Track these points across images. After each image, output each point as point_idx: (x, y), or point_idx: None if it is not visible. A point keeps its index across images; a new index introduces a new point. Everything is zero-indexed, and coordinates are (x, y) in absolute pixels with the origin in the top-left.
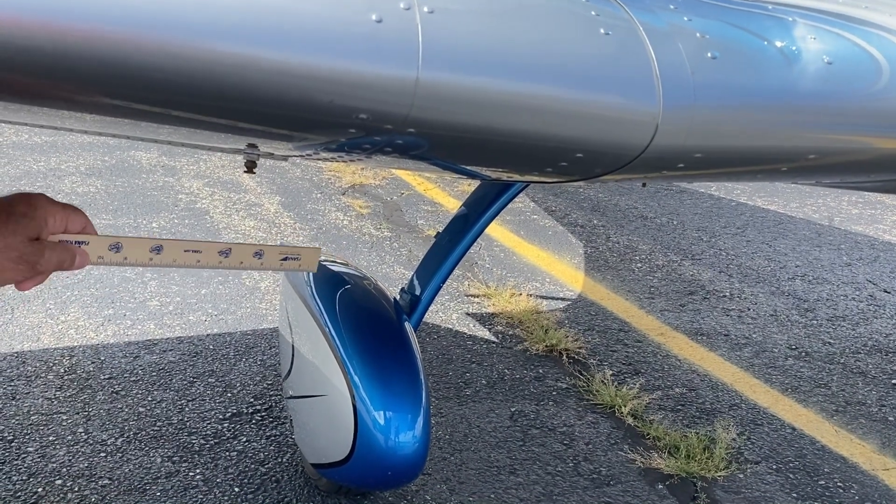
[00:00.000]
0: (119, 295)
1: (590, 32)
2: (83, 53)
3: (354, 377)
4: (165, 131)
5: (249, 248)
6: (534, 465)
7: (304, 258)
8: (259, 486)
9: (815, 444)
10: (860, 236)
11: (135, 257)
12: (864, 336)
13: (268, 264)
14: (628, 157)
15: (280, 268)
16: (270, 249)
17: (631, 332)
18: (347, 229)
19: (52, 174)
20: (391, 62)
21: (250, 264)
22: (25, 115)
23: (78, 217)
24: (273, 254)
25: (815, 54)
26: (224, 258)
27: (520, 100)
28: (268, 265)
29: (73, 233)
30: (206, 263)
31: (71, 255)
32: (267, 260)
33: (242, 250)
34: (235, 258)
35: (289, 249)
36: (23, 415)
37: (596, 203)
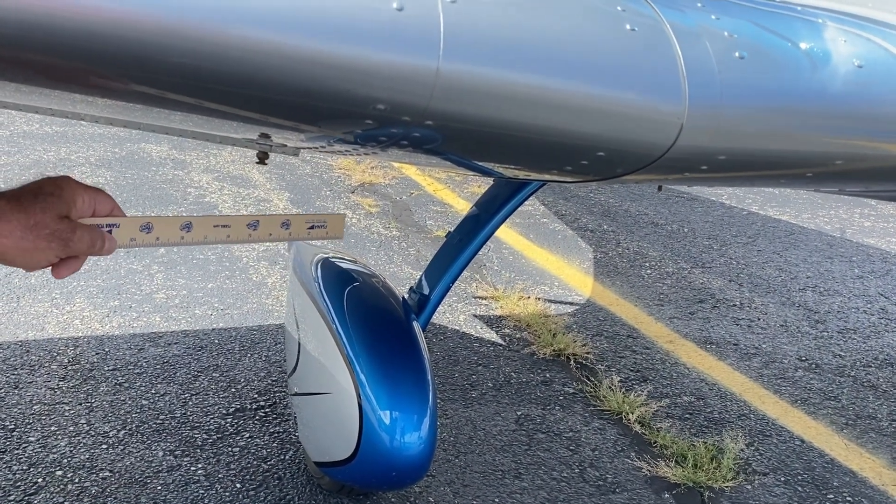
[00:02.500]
0: (125, 287)
1: (615, 28)
2: (104, 35)
3: (361, 375)
4: (179, 119)
5: (277, 219)
6: (539, 470)
7: (331, 225)
8: (261, 482)
9: (824, 458)
10: (872, 249)
11: (167, 236)
12: (875, 349)
13: (295, 234)
14: (651, 157)
15: (308, 237)
16: (297, 219)
17: (639, 339)
18: (356, 227)
19: (61, 164)
20: (411, 51)
21: (279, 235)
22: (41, 99)
23: (106, 199)
24: (300, 223)
25: (846, 57)
26: (253, 231)
27: (542, 94)
28: (295, 234)
29: (102, 215)
30: (235, 238)
31: (102, 238)
32: (294, 229)
33: (270, 221)
34: (264, 230)
35: (314, 217)
36: (25, 404)
37: (606, 208)
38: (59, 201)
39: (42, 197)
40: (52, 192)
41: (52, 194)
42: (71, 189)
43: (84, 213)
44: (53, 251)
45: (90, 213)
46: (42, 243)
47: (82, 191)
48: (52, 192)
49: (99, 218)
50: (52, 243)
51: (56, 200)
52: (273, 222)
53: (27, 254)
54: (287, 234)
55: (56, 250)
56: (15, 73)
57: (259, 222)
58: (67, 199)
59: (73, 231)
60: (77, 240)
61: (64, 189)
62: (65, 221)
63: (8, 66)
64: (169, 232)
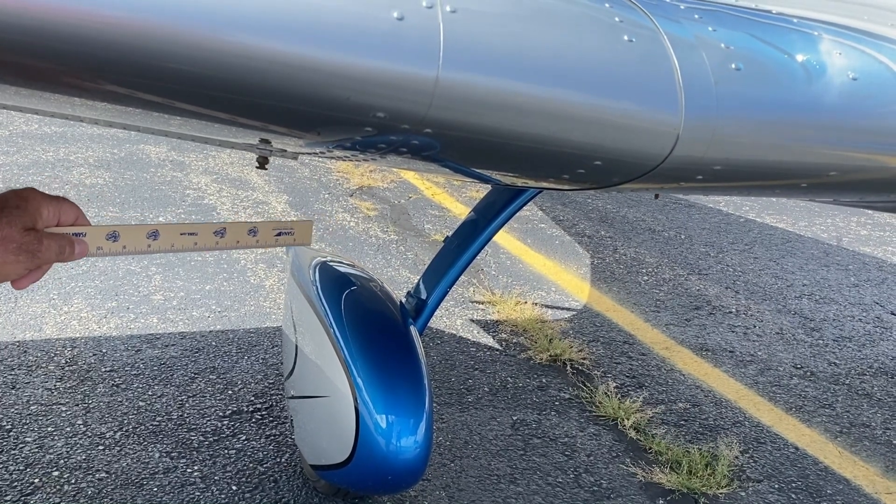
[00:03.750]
0: (123, 288)
1: (613, 39)
2: (106, 41)
3: (358, 379)
4: (179, 123)
5: (244, 227)
6: (534, 475)
7: (298, 232)
8: (257, 485)
9: (818, 465)
10: (868, 257)
11: (133, 245)
12: (870, 358)
13: (263, 241)
14: (647, 167)
15: (276, 244)
16: (264, 226)
17: (636, 345)
18: (354, 231)
19: (60, 165)
20: (411, 60)
21: (246, 242)
22: (41, 102)
23: (70, 208)
24: (267, 230)
25: (840, 70)
26: (220, 238)
27: (540, 104)
28: (263, 242)
29: (67, 224)
30: (203, 245)
31: (70, 243)
32: (262, 237)
33: (237, 229)
34: (231, 238)
35: (282, 224)
36: (22, 404)
37: (604, 214)
38: (25, 214)
39: (7, 211)
40: (18, 204)
41: (18, 207)
42: (36, 200)
43: (49, 223)
44: (22, 264)
45: (55, 222)
46: (10, 257)
47: (47, 201)
48: (18, 206)
49: (64, 227)
50: (21, 256)
51: (21, 213)
52: (240, 229)
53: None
54: (254, 241)
55: (24, 263)
56: (16, 77)
57: (226, 230)
58: (32, 211)
59: (40, 242)
60: (45, 249)
61: (29, 201)
62: (31, 233)
63: (10, 71)
64: (136, 240)
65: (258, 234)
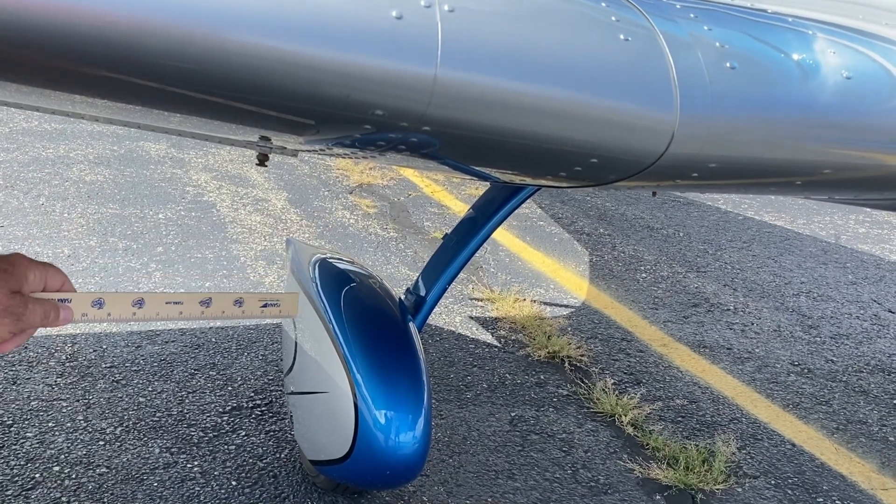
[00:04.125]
0: (123, 284)
1: (609, 38)
2: (109, 38)
3: (357, 375)
4: (179, 120)
5: (230, 297)
6: (532, 471)
7: (284, 304)
8: (256, 480)
9: (814, 461)
10: (866, 255)
11: (118, 312)
12: (867, 355)
13: (249, 312)
14: (643, 165)
15: (262, 315)
16: (250, 297)
17: (633, 342)
18: (354, 228)
19: (60, 162)
20: (410, 59)
21: (232, 313)
22: (41, 99)
23: (56, 274)
24: (253, 301)
25: (835, 69)
26: (206, 308)
27: (537, 102)
28: (249, 313)
29: (53, 290)
30: (188, 315)
31: (55, 308)
32: (248, 308)
33: (223, 299)
34: (217, 308)
35: (268, 296)
36: (23, 400)
37: (603, 212)
38: (11, 277)
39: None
40: (4, 268)
41: (4, 271)
42: (22, 265)
43: (35, 287)
44: (6, 327)
45: (41, 287)
46: None
47: (33, 266)
48: (4, 269)
49: (50, 293)
50: (5, 319)
51: (8, 277)
52: (226, 300)
53: None
54: (240, 311)
55: (9, 326)
56: (17, 74)
57: (212, 299)
58: (19, 276)
59: (25, 305)
60: (29, 314)
61: (15, 265)
62: (17, 297)
63: (10, 67)
64: (121, 308)
65: (244, 305)
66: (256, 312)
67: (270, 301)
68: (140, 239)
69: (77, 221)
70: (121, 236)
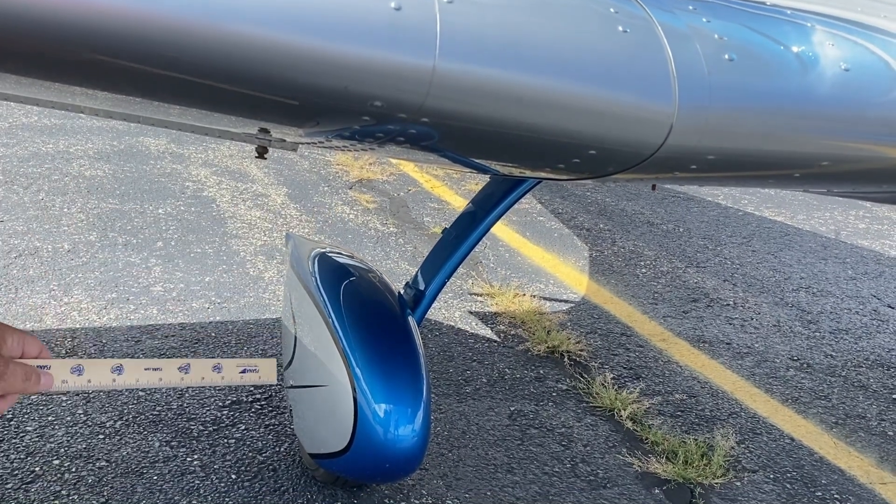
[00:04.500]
0: (122, 279)
1: (608, 30)
2: (109, 29)
3: (356, 369)
4: (178, 112)
5: (208, 363)
6: (531, 465)
7: (262, 369)
8: (256, 473)
9: (813, 456)
10: (866, 251)
11: (98, 379)
12: (866, 350)
13: (228, 377)
14: (642, 156)
15: (241, 381)
16: (228, 362)
17: (633, 337)
18: (353, 223)
19: (60, 157)
20: (408, 50)
21: (211, 379)
22: (41, 91)
23: (34, 342)
24: (231, 366)
25: (833, 61)
26: (185, 374)
27: (535, 94)
28: (228, 378)
29: (30, 357)
30: (168, 381)
31: (35, 373)
32: (226, 373)
33: (201, 365)
34: (196, 374)
35: (246, 362)
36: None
37: (603, 207)
38: None
39: None
40: None
41: None
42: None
43: (13, 353)
44: None
45: (19, 353)
46: None
47: (11, 332)
48: None
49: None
50: None
51: None
52: (205, 366)
53: None
54: (220, 377)
55: None
56: (16, 65)
57: (190, 366)
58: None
59: (6, 365)
60: (10, 374)
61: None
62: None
63: (9, 59)
64: (100, 374)
65: (223, 371)
66: (236, 378)
67: (249, 367)
68: (140, 234)
69: (77, 216)
70: (121, 231)
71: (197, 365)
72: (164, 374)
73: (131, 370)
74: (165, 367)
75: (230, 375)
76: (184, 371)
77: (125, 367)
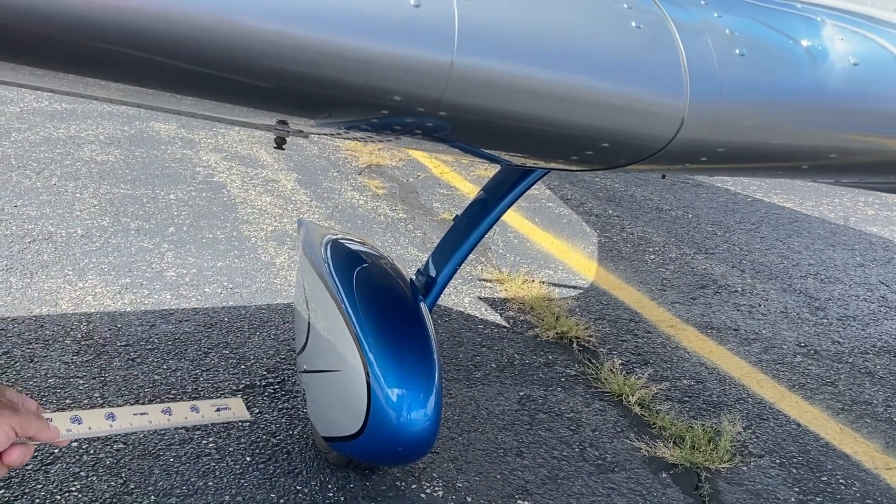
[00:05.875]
0: (136, 264)
1: (621, 25)
2: (136, 25)
3: (369, 354)
4: (202, 105)
5: (186, 405)
6: (540, 449)
7: (234, 407)
8: (270, 456)
9: (819, 441)
10: (875, 238)
11: (97, 426)
12: (873, 337)
13: (206, 416)
14: (653, 149)
15: (218, 419)
16: (203, 403)
17: (641, 323)
18: (363, 209)
19: (71, 142)
20: (427, 46)
21: (192, 418)
22: (57, 82)
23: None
24: (206, 406)
25: (842, 55)
26: (169, 417)
27: (550, 88)
28: (207, 417)
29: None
30: (157, 424)
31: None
32: (204, 412)
33: (181, 407)
34: (179, 415)
35: (218, 402)
36: (40, 377)
37: (612, 193)
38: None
39: None
40: None
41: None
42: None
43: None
44: (6, 418)
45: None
46: None
47: (9, 389)
48: None
49: None
50: (4, 411)
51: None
52: (183, 408)
53: None
54: (199, 416)
55: (9, 417)
56: (38, 58)
57: (171, 409)
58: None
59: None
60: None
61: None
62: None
63: (31, 51)
64: (97, 422)
65: (201, 411)
66: (213, 416)
67: (222, 406)
68: (152, 219)
69: (89, 202)
70: (133, 216)
71: (177, 408)
72: (153, 417)
73: (122, 416)
74: (151, 412)
75: (207, 414)
76: (167, 414)
77: (117, 414)
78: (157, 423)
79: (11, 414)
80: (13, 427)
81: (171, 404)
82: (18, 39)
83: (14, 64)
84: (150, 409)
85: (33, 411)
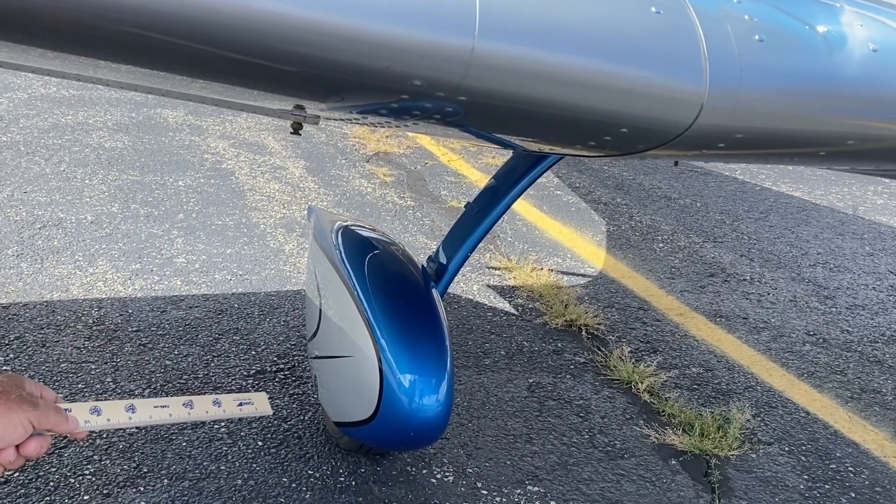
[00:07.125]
0: (146, 251)
1: (641, 10)
2: (157, 9)
3: (381, 340)
4: (221, 89)
5: (208, 398)
6: (549, 436)
7: (256, 401)
8: (282, 441)
9: (828, 429)
10: (884, 227)
11: (116, 418)
12: (882, 326)
13: (228, 410)
14: (672, 135)
15: (240, 413)
16: (226, 397)
17: (650, 311)
18: (371, 196)
19: (80, 128)
20: (449, 31)
21: (214, 413)
22: (73, 65)
23: (49, 390)
24: (229, 401)
25: (861, 41)
26: (190, 410)
27: (570, 72)
28: (228, 411)
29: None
30: (177, 417)
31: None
32: (226, 406)
33: (203, 400)
34: (200, 408)
35: (241, 396)
36: (52, 362)
37: (620, 181)
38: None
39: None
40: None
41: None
42: (19, 378)
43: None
44: (25, 412)
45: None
46: (13, 405)
47: (28, 381)
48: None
49: None
50: (23, 405)
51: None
52: (206, 401)
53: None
54: (221, 411)
55: (27, 412)
56: (54, 40)
57: (193, 402)
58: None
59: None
60: (44, 406)
61: (12, 376)
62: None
63: (46, 33)
64: (117, 414)
65: (222, 405)
66: (235, 411)
67: (244, 401)
68: (161, 206)
69: (98, 188)
70: (142, 203)
71: (198, 401)
72: (173, 410)
73: (143, 408)
74: (172, 405)
75: (229, 408)
76: (188, 407)
77: (137, 406)
78: (178, 416)
79: (30, 408)
80: (31, 421)
81: (193, 397)
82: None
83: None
84: (171, 401)
85: (52, 403)
